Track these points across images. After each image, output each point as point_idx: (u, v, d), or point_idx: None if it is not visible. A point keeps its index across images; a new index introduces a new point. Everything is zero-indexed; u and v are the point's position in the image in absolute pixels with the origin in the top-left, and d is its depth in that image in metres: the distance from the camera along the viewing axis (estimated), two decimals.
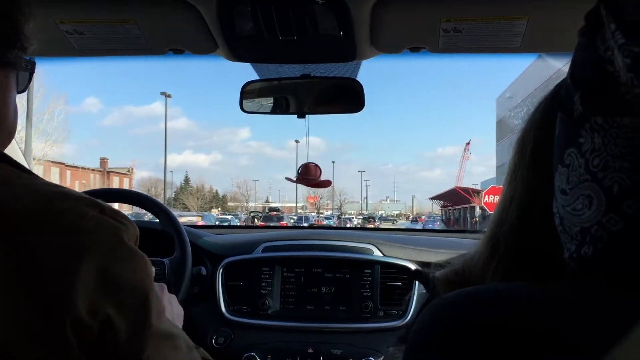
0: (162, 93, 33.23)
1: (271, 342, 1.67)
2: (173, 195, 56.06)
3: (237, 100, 1.54)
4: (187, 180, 61.51)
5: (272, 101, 1.57)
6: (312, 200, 55.88)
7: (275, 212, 27.48)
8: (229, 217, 33.29)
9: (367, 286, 1.74)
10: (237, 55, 1.29)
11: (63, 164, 41.70)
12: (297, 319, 1.73)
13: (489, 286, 0.46)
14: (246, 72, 1.53)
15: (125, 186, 50.40)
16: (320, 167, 1.57)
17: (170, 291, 1.46)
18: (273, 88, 1.56)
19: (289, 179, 1.69)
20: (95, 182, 47.50)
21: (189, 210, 47.65)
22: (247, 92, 1.54)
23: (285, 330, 1.71)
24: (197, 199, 55.23)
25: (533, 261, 0.54)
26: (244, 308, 1.76)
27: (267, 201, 68.39)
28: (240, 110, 1.56)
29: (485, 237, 0.58)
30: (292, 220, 30.93)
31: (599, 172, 0.39)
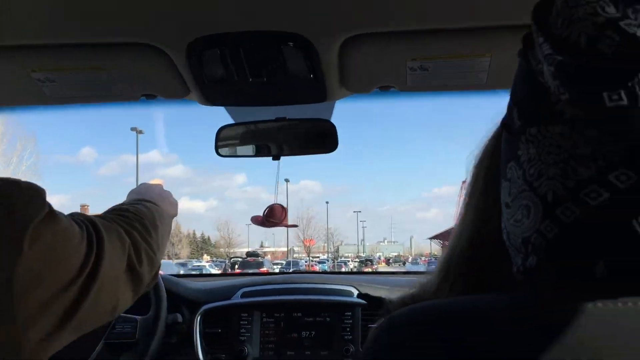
0: (133, 129, 32.77)
1: None
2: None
3: None
4: (177, 226, 60.11)
5: (247, 144, 1.58)
6: (307, 244, 53.30)
7: (253, 258, 25.39)
8: (205, 264, 31.89)
9: (348, 329, 1.71)
10: (209, 99, 1.31)
11: None
12: None
13: (429, 302, 0.46)
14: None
15: None
16: (287, 209, 1.56)
17: (137, 351, 1.45)
18: (248, 131, 1.57)
19: (254, 220, 1.67)
20: None
21: (178, 258, 46.66)
22: (222, 137, 1.56)
23: None
24: (189, 245, 54.25)
25: (483, 283, 0.54)
26: (222, 356, 1.73)
27: (261, 245, 66.65)
28: (216, 154, 1.57)
29: (439, 262, 0.59)
30: (277, 267, 29.24)
31: (534, 181, 0.40)
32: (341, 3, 0.98)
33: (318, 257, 50.45)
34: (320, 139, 1.48)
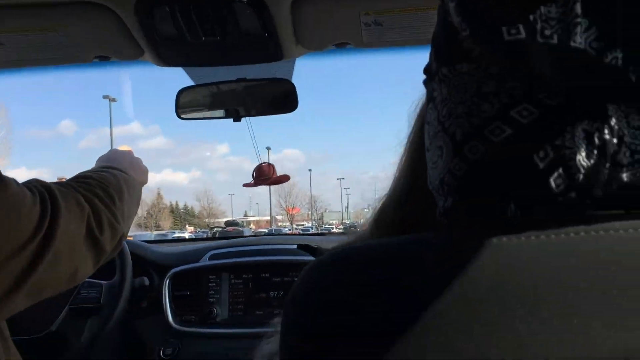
0: (105, 97, 32.19)
1: (220, 350, 1.65)
2: (144, 214, 54.66)
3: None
4: (159, 197, 58.19)
5: (207, 106, 1.57)
6: (291, 212, 52.79)
7: (233, 227, 24.12)
8: (186, 235, 30.57)
9: None
10: (164, 59, 1.29)
11: None
12: (246, 325, 1.72)
13: (362, 243, 0.45)
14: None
15: None
16: (274, 165, 1.58)
17: (103, 315, 1.45)
18: (208, 93, 1.56)
19: (246, 185, 1.68)
20: None
21: (160, 229, 46.18)
22: (183, 99, 1.54)
23: (234, 337, 1.69)
24: (172, 217, 53.67)
25: (414, 230, 0.55)
26: (192, 317, 1.74)
27: (245, 215, 64.12)
28: (177, 117, 1.55)
29: (375, 211, 0.60)
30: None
31: (446, 121, 0.40)
32: None
33: (302, 224, 49.80)
34: (281, 99, 1.48)
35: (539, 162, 0.36)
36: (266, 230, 30.84)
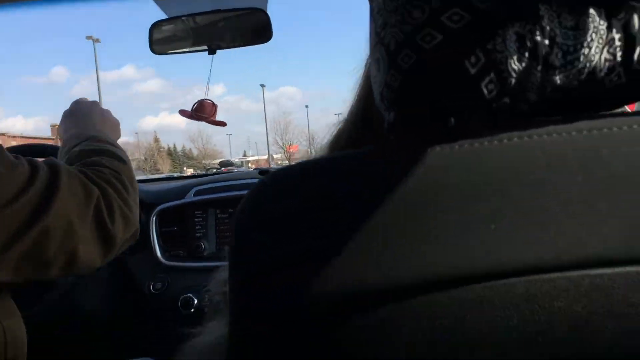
0: (88, 37, 31.05)
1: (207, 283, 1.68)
2: (143, 158, 54.38)
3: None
4: (156, 140, 57.13)
5: (182, 39, 1.54)
6: (291, 150, 49.05)
7: (228, 167, 20.47)
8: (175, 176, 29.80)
9: None
10: None
11: (5, 134, 37.18)
12: None
13: (321, 157, 0.44)
14: None
15: None
16: (217, 106, 1.51)
17: None
18: (182, 26, 1.52)
19: (182, 113, 1.58)
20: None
21: (159, 172, 45.77)
22: (157, 33, 1.50)
23: None
24: (170, 159, 53.15)
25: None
26: (180, 252, 1.77)
27: (244, 155, 61.03)
28: (151, 52, 1.52)
29: (332, 136, 0.59)
30: None
31: (381, 31, 0.39)
32: None
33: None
34: (255, 29, 1.45)
35: (470, 67, 0.36)
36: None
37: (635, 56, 0.34)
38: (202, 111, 1.47)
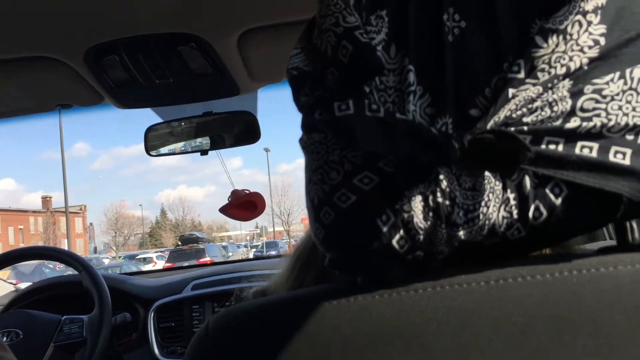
0: (58, 104, 30.28)
1: None
2: (148, 232, 53.65)
3: None
4: (163, 214, 56.31)
5: (176, 142, 1.60)
6: (306, 222, 46.25)
7: (191, 245, 17.09)
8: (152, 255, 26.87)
9: None
10: (124, 103, 1.32)
11: None
12: None
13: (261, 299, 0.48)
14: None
15: (78, 226, 45.34)
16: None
17: (87, 348, 1.46)
18: (175, 129, 1.59)
19: (222, 210, 1.46)
20: (37, 225, 41.27)
21: (165, 246, 44.38)
22: (151, 137, 1.57)
23: None
24: (174, 233, 51.74)
25: (326, 277, 0.57)
26: (177, 348, 1.77)
27: (256, 227, 54.14)
28: (146, 154, 1.58)
29: (290, 258, 0.62)
30: (252, 252, 23.91)
31: (307, 186, 0.43)
32: (230, 0, 0.99)
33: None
34: (244, 131, 1.51)
35: (382, 225, 0.39)
36: (262, 252, 24.87)
37: (530, 213, 0.37)
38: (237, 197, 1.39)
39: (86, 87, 1.22)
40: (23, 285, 2.06)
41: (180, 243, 17.98)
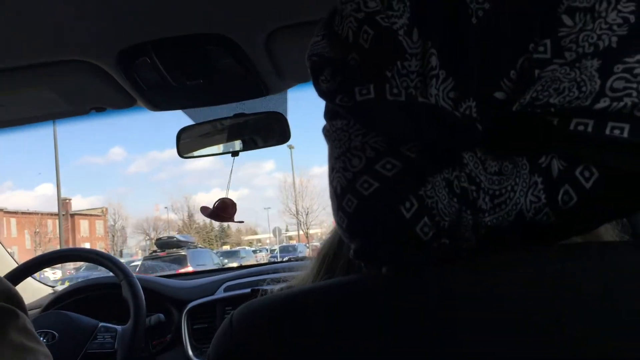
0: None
1: None
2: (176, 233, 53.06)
3: None
4: (190, 216, 53.72)
5: (208, 144, 1.62)
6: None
7: (170, 251, 14.11)
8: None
9: None
10: (156, 105, 1.34)
11: (1, 210, 36.19)
12: None
13: (287, 291, 0.47)
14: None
15: (99, 229, 45.12)
16: (237, 205, 1.50)
17: None
18: (208, 131, 1.60)
19: (203, 211, 1.53)
20: (55, 228, 38.05)
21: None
22: (183, 138, 1.59)
23: None
24: (199, 235, 51.42)
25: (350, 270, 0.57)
26: None
27: (286, 230, 51.05)
28: (179, 156, 1.60)
29: (315, 257, 0.61)
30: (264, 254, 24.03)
31: (330, 174, 0.42)
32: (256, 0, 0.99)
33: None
34: (273, 131, 1.51)
35: (405, 212, 0.38)
36: (277, 257, 21.57)
37: (559, 198, 0.36)
38: (224, 211, 1.49)
39: (119, 90, 1.24)
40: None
41: (158, 246, 14.96)
